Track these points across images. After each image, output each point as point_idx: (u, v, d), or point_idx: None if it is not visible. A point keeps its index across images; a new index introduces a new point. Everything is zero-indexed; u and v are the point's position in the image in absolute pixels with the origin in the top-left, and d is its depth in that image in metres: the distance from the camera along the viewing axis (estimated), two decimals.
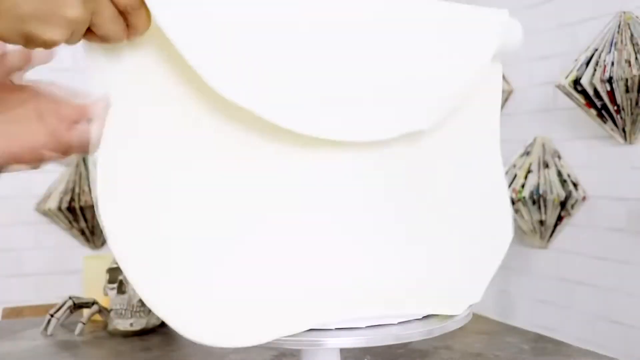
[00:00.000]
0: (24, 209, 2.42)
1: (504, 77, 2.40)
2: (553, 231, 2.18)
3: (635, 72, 1.76)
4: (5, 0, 0.53)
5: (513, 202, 2.17)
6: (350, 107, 0.61)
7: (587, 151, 2.07)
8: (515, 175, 2.19)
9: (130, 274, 0.56)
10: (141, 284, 0.56)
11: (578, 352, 1.12)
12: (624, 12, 1.86)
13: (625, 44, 1.81)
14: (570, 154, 2.13)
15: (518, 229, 2.27)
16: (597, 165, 2.04)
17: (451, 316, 0.66)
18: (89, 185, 2.40)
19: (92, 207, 2.38)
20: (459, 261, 0.68)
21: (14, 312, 1.74)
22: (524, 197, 2.13)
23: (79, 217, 2.39)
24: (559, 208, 2.12)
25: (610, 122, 1.92)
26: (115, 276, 1.27)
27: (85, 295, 1.37)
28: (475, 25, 0.67)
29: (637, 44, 1.79)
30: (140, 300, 1.24)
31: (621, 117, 1.87)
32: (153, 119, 0.59)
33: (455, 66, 0.66)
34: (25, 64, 0.65)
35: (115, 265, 1.27)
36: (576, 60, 1.95)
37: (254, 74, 0.57)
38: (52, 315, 1.25)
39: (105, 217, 0.56)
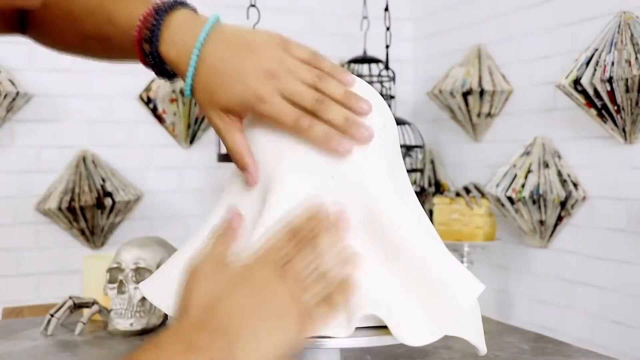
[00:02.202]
0: (24, 209, 2.41)
1: (504, 77, 2.40)
2: (553, 231, 2.18)
3: (635, 72, 1.76)
4: None
5: (513, 202, 2.17)
6: None
7: (587, 151, 2.07)
8: (515, 175, 2.19)
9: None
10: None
11: (578, 352, 1.12)
12: (624, 12, 1.86)
13: (625, 44, 1.81)
14: (570, 154, 2.13)
15: (518, 229, 2.27)
16: (597, 165, 2.04)
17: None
18: (89, 185, 2.39)
19: (92, 207, 2.38)
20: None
21: (14, 312, 1.73)
22: (524, 197, 2.13)
23: (79, 217, 2.38)
24: (559, 208, 2.12)
25: (610, 122, 1.92)
26: (115, 276, 1.26)
27: (85, 295, 1.37)
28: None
29: (637, 44, 1.79)
30: (140, 300, 1.24)
31: (621, 117, 1.87)
32: None
33: None
34: None
35: (115, 265, 1.27)
36: (576, 60, 1.95)
37: None
38: (52, 315, 1.25)
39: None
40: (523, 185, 2.15)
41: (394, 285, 0.65)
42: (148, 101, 2.54)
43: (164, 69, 0.73)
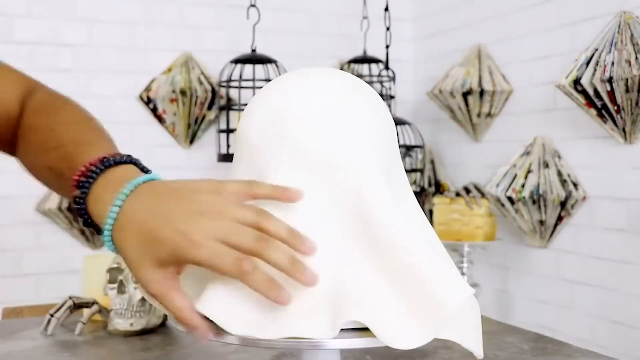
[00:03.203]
0: (24, 209, 2.41)
1: (504, 77, 2.40)
2: (553, 231, 2.18)
3: (635, 72, 1.76)
4: None
5: (513, 202, 2.17)
6: None
7: (587, 151, 2.07)
8: (515, 175, 2.19)
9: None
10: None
11: (578, 352, 1.12)
12: (624, 12, 1.86)
13: (625, 44, 1.81)
14: (570, 154, 2.13)
15: (518, 229, 2.27)
16: (597, 165, 2.04)
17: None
18: None
19: None
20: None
21: (14, 312, 1.74)
22: (524, 197, 2.13)
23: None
24: (559, 208, 2.12)
25: (610, 122, 1.92)
26: (115, 276, 1.27)
27: (85, 295, 1.37)
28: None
29: (637, 44, 1.79)
30: (140, 300, 1.24)
31: (621, 117, 1.87)
32: None
33: None
34: None
35: (115, 265, 1.27)
36: (576, 60, 1.95)
37: None
38: (52, 315, 1.25)
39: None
40: (523, 185, 2.15)
41: (382, 287, 0.65)
42: (148, 101, 2.54)
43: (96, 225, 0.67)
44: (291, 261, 0.61)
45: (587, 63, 1.89)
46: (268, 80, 2.22)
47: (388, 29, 2.46)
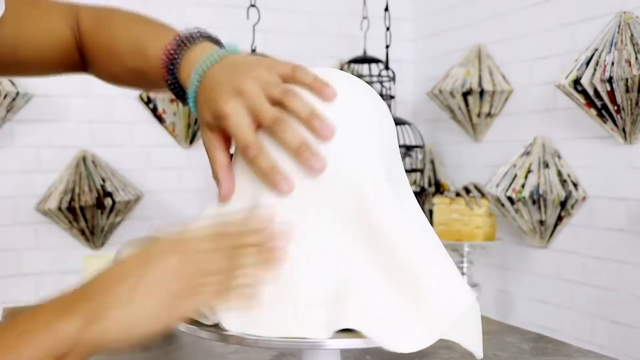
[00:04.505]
0: (24, 209, 2.41)
1: (504, 77, 2.40)
2: (553, 231, 2.18)
3: (635, 72, 1.76)
4: None
5: (513, 202, 2.17)
6: None
7: (587, 151, 2.07)
8: (515, 175, 2.19)
9: None
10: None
11: (578, 352, 1.12)
12: (624, 12, 1.86)
13: (625, 44, 1.81)
14: (570, 154, 2.13)
15: (518, 229, 2.27)
16: (597, 165, 2.04)
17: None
18: (89, 185, 2.39)
19: (92, 207, 2.38)
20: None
21: (14, 312, 1.73)
22: (524, 197, 2.13)
23: (79, 217, 2.38)
24: (559, 208, 2.12)
25: (610, 122, 1.92)
26: None
27: None
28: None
29: (637, 44, 1.79)
30: None
31: (621, 117, 1.87)
32: None
33: None
34: None
35: None
36: (576, 60, 1.95)
37: None
38: None
39: None
40: (523, 185, 2.15)
41: (382, 289, 0.65)
42: (148, 101, 2.55)
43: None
44: (300, 145, 0.65)
45: (587, 63, 1.89)
46: None
47: (388, 29, 2.46)
